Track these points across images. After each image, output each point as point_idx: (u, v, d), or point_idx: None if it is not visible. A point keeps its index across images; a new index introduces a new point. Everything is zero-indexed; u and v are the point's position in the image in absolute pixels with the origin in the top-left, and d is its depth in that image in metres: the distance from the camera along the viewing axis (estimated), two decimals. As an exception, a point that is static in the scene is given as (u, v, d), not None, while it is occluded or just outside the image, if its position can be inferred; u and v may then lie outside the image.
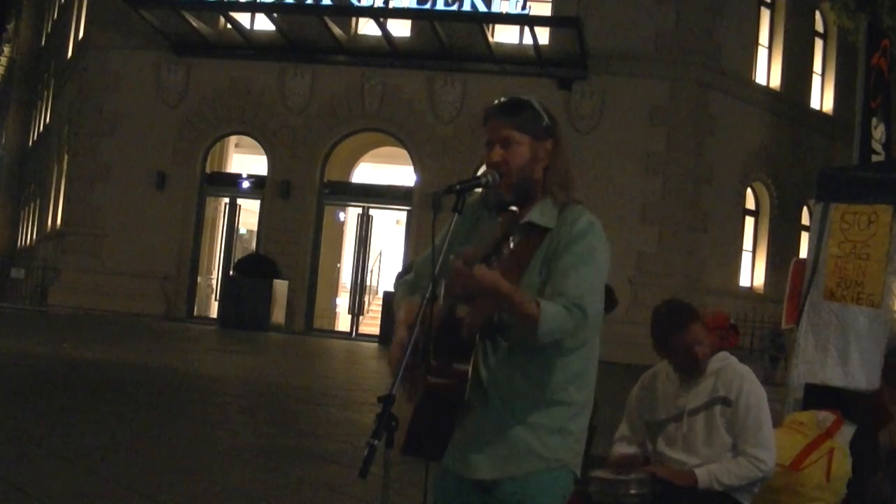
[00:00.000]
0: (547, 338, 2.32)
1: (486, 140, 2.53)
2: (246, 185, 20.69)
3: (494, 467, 2.45)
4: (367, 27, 19.97)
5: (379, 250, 21.60)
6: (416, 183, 19.54)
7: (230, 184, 20.95)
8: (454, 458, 2.48)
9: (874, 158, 8.24)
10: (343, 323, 20.63)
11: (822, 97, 22.69)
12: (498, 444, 2.45)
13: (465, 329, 2.39)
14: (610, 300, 5.91)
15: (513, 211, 2.48)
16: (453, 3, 17.58)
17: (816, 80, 22.54)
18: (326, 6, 18.50)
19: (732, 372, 3.79)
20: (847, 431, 4.50)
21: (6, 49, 47.66)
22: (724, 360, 3.84)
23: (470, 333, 2.40)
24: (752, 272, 20.74)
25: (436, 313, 2.40)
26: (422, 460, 2.46)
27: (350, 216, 21.34)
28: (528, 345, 2.38)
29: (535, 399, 2.44)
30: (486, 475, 2.46)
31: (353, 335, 19.73)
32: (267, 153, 20.14)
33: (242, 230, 21.86)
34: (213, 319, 19.62)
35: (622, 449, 3.91)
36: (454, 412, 2.40)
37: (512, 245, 2.46)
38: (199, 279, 20.78)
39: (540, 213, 2.48)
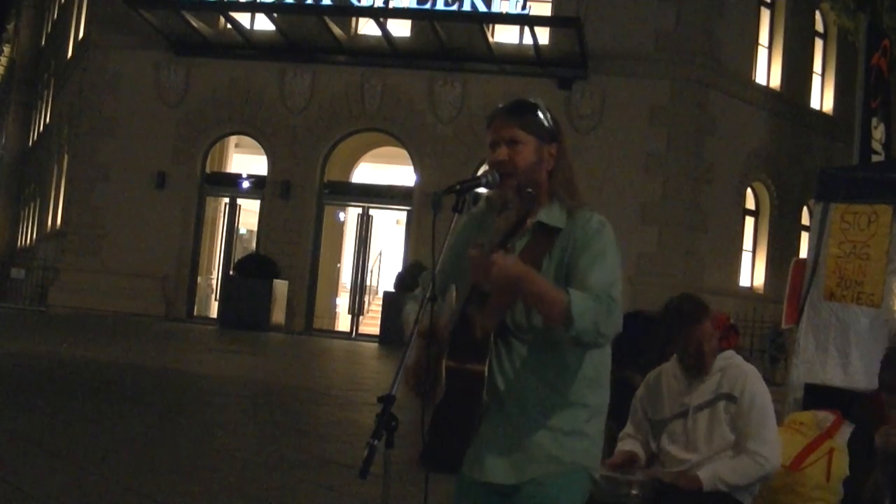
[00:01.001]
0: (582, 322, 2.25)
1: (490, 141, 2.52)
2: (246, 185, 20.68)
3: (512, 471, 2.44)
4: (367, 27, 19.97)
5: (379, 250, 21.60)
6: (416, 183, 19.53)
7: (230, 184, 20.94)
8: (471, 463, 2.47)
9: (874, 158, 8.26)
10: (343, 323, 20.62)
11: (822, 97, 22.67)
12: (515, 448, 2.44)
13: (477, 329, 2.38)
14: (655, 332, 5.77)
15: (516, 209, 2.43)
16: (453, 3, 17.56)
17: (816, 80, 22.52)
18: (326, 6, 18.49)
19: (738, 370, 3.82)
20: (847, 431, 4.50)
21: (6, 49, 47.64)
22: (730, 359, 3.87)
23: (484, 333, 2.38)
24: (752, 272, 20.73)
25: (447, 318, 2.39)
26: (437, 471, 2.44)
27: (350, 216, 21.33)
28: (553, 340, 2.34)
29: (550, 402, 2.44)
30: (503, 479, 2.45)
31: (353, 335, 19.71)
32: (267, 153, 20.13)
33: (242, 230, 21.86)
34: (213, 319, 19.62)
35: (624, 446, 3.92)
36: (472, 416, 2.37)
37: (520, 244, 2.44)
38: (199, 279, 20.76)
39: (548, 215, 2.48)
